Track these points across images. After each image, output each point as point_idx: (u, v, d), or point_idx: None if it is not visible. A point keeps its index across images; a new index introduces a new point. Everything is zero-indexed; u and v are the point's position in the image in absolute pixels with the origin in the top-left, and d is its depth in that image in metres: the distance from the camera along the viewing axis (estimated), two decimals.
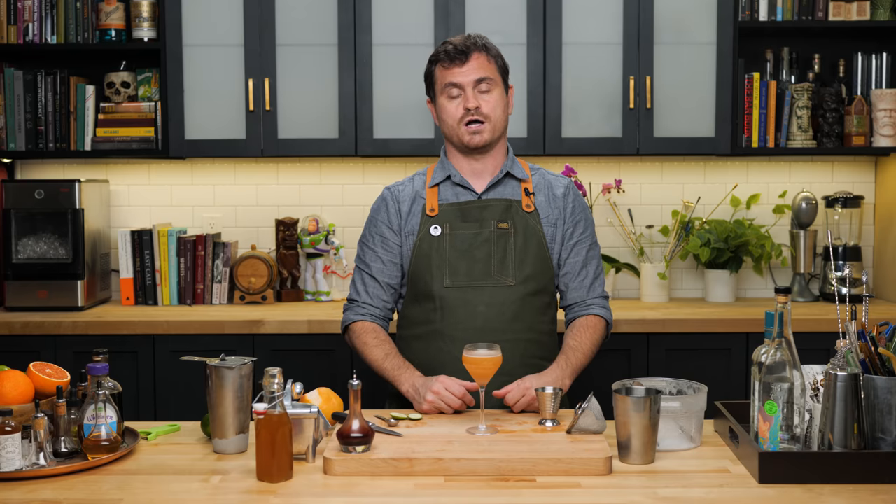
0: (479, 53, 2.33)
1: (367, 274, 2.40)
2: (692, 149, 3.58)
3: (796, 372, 1.81)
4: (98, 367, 1.94)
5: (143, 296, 3.66)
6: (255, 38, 3.53)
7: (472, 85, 2.31)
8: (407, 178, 2.47)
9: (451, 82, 2.32)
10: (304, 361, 3.28)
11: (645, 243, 3.81)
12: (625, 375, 3.15)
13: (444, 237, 2.35)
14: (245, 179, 3.87)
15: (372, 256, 2.40)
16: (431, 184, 2.40)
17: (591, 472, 1.80)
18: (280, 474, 1.77)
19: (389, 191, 2.44)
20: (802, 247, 3.74)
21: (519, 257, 2.33)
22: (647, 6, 3.50)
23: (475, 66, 2.32)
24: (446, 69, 2.33)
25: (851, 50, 3.70)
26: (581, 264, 2.40)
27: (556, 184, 2.43)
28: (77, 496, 1.71)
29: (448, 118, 2.35)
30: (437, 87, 2.37)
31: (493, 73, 2.34)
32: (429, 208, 2.37)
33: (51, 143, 3.63)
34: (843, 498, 1.68)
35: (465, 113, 2.32)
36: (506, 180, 2.40)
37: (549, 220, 2.38)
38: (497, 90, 2.34)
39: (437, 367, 2.30)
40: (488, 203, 2.36)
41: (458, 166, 2.41)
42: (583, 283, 2.40)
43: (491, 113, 2.33)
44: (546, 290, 2.38)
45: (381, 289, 2.39)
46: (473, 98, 2.31)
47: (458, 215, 2.36)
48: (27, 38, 3.59)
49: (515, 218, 2.35)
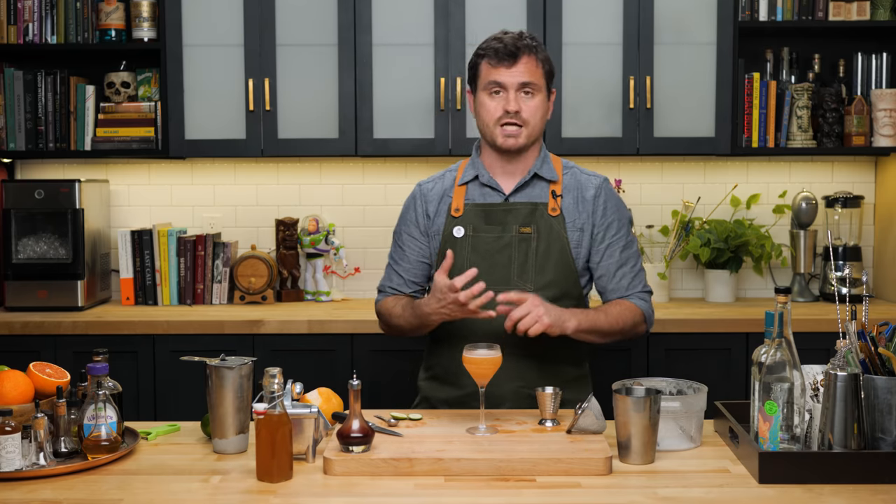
0: (529, 57, 2.29)
1: (393, 270, 2.45)
2: (692, 149, 3.58)
3: (796, 372, 1.81)
4: (98, 367, 1.94)
5: (143, 296, 3.66)
6: (255, 38, 3.53)
7: (515, 87, 2.29)
8: (439, 174, 2.45)
9: (495, 80, 2.29)
10: (304, 361, 3.28)
11: (645, 243, 3.81)
12: (625, 375, 3.14)
13: (466, 239, 2.34)
14: (245, 179, 3.87)
15: (400, 254, 2.44)
16: (461, 182, 2.39)
17: (591, 472, 1.80)
18: (280, 474, 1.77)
19: (420, 188, 2.44)
20: (802, 247, 3.74)
21: (540, 262, 2.31)
22: (647, 6, 3.50)
23: (522, 69, 2.28)
24: (493, 67, 2.30)
25: (851, 50, 3.70)
26: (616, 265, 2.36)
27: (587, 184, 2.38)
28: (77, 496, 1.71)
29: (486, 115, 2.32)
30: (479, 81, 2.34)
31: (538, 78, 2.31)
32: (454, 208, 2.36)
33: (51, 143, 3.63)
34: (843, 498, 1.68)
35: (503, 114, 2.29)
36: (534, 181, 2.37)
37: (574, 224, 2.35)
38: (540, 96, 2.31)
39: (456, 370, 2.28)
40: (513, 207, 2.34)
41: (489, 165, 2.38)
42: (620, 284, 2.36)
43: (530, 118, 2.30)
44: (568, 296, 2.33)
45: (405, 285, 2.42)
46: (515, 101, 2.28)
47: (482, 217, 2.35)
48: (27, 38, 3.59)
49: (539, 222, 2.33)
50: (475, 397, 2.21)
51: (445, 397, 2.37)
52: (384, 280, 2.47)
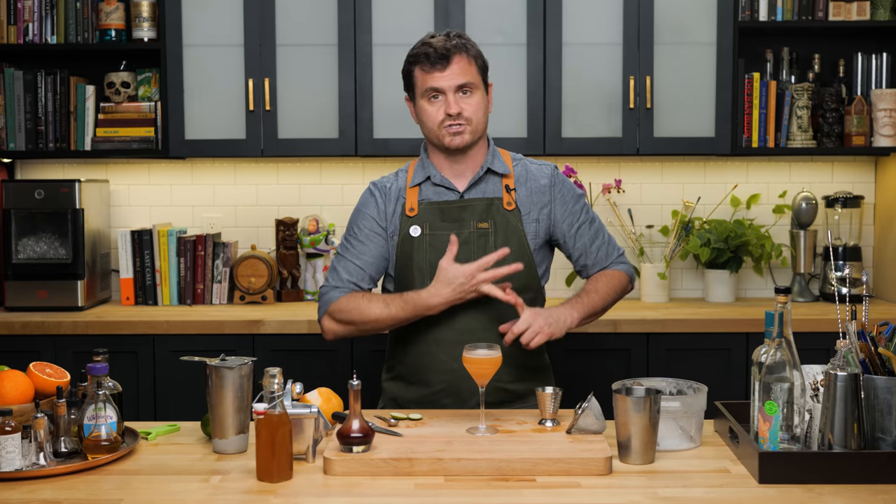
0: (460, 56, 2.28)
1: (352, 263, 2.35)
2: (692, 149, 3.58)
3: (796, 372, 1.81)
4: (98, 367, 1.94)
5: (143, 296, 3.66)
6: (255, 38, 3.53)
7: (453, 90, 2.28)
8: (391, 175, 2.43)
9: (431, 87, 2.29)
10: (304, 361, 3.28)
11: (645, 243, 3.81)
12: (625, 375, 3.14)
13: (423, 238, 2.33)
14: (245, 179, 3.87)
15: (362, 249, 2.35)
16: (412, 184, 2.37)
17: (591, 472, 1.80)
18: (280, 474, 1.77)
19: (376, 186, 2.41)
20: (802, 247, 3.74)
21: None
22: (647, 6, 3.50)
23: (456, 70, 2.28)
24: (426, 73, 2.29)
25: (851, 50, 3.70)
26: (590, 242, 2.41)
27: (538, 175, 2.40)
28: (77, 496, 1.71)
29: (428, 121, 2.32)
30: (416, 89, 2.33)
31: (473, 75, 2.30)
32: (408, 208, 2.35)
33: (51, 143, 3.63)
34: (843, 498, 1.68)
35: (445, 117, 2.29)
36: (487, 177, 2.38)
37: (530, 216, 2.36)
38: (478, 93, 2.31)
39: (423, 369, 2.32)
40: (468, 203, 2.34)
41: (439, 166, 2.38)
42: (598, 257, 2.42)
43: (472, 116, 2.30)
44: (529, 288, 2.34)
45: (365, 279, 2.35)
46: (455, 103, 2.28)
47: (438, 215, 2.34)
48: (27, 38, 3.59)
49: (496, 217, 2.34)
50: (445, 394, 2.22)
51: (413, 397, 2.36)
52: (337, 276, 2.34)
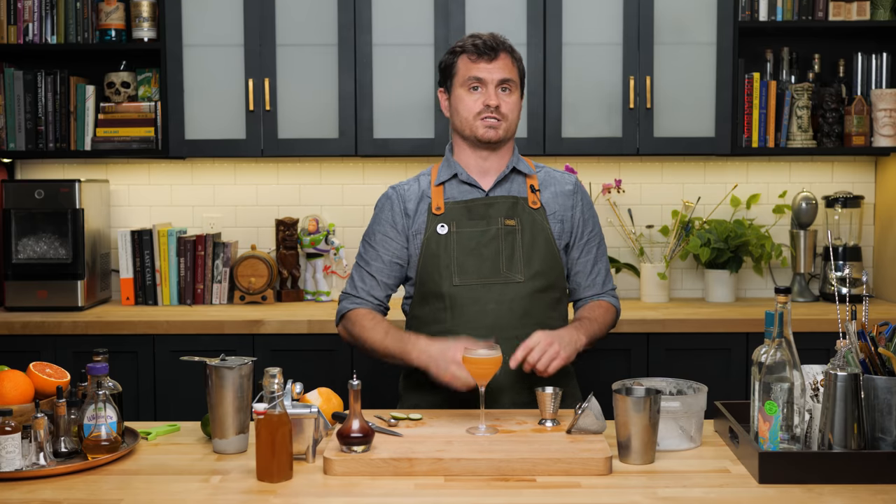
0: (507, 54, 2.33)
1: (365, 271, 2.39)
2: (692, 149, 3.58)
3: (796, 372, 1.81)
4: (98, 367, 1.94)
5: (143, 296, 3.66)
6: (255, 38, 3.53)
7: (495, 83, 2.31)
8: (412, 178, 2.45)
9: (475, 76, 2.31)
10: (304, 361, 3.28)
11: (645, 243, 3.81)
12: (625, 375, 3.14)
13: (451, 235, 2.33)
14: (245, 179, 3.87)
15: (373, 255, 2.38)
16: (437, 182, 2.38)
17: (591, 472, 1.80)
18: (280, 474, 1.77)
19: (395, 190, 2.42)
20: (802, 247, 3.74)
21: (527, 254, 2.32)
22: (647, 6, 3.50)
23: (502, 65, 2.32)
24: (472, 62, 2.32)
25: (851, 50, 3.70)
26: (592, 262, 2.42)
27: (563, 181, 2.43)
28: (77, 496, 1.71)
29: (465, 111, 2.33)
30: (457, 77, 2.35)
31: (515, 76, 2.35)
32: (435, 207, 2.35)
33: (51, 143, 3.63)
34: (843, 498, 1.68)
35: (483, 109, 2.31)
36: (512, 176, 2.39)
37: (555, 216, 2.38)
38: (517, 93, 2.35)
39: None
40: (494, 200, 2.36)
41: (465, 163, 2.39)
42: (595, 281, 2.42)
43: (509, 114, 2.33)
44: (555, 286, 2.36)
45: (378, 287, 2.38)
46: (495, 96, 2.31)
47: (465, 213, 2.35)
48: (27, 38, 3.59)
49: (522, 215, 2.35)
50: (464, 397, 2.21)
51: (432, 402, 2.35)
52: (353, 284, 2.39)
